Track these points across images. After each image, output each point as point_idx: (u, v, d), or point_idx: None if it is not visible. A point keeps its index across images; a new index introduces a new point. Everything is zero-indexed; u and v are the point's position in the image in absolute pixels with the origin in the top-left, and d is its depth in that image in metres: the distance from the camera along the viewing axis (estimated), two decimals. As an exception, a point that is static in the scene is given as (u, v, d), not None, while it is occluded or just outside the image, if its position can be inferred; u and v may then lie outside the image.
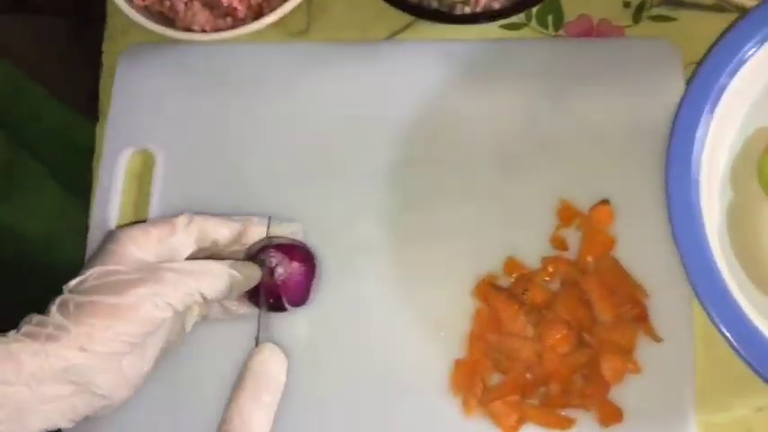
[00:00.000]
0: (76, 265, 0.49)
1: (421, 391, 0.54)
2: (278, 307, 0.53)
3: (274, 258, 0.52)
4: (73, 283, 0.46)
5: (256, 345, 0.50)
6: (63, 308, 0.45)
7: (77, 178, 0.61)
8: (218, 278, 0.49)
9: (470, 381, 0.53)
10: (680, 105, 0.51)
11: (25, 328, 0.44)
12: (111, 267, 0.47)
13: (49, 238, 0.76)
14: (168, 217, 0.52)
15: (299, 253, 0.54)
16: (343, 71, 0.62)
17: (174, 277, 0.47)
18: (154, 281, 0.46)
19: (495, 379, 0.53)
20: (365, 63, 0.62)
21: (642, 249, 0.54)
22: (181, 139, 0.61)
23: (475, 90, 0.60)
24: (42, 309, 0.46)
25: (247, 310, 0.54)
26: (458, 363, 0.54)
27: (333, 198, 0.59)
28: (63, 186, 0.77)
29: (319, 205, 0.58)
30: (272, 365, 0.48)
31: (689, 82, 0.52)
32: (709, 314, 0.47)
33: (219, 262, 0.50)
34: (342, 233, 0.58)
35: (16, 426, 0.43)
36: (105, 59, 0.65)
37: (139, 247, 0.48)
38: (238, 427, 0.45)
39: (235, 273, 0.49)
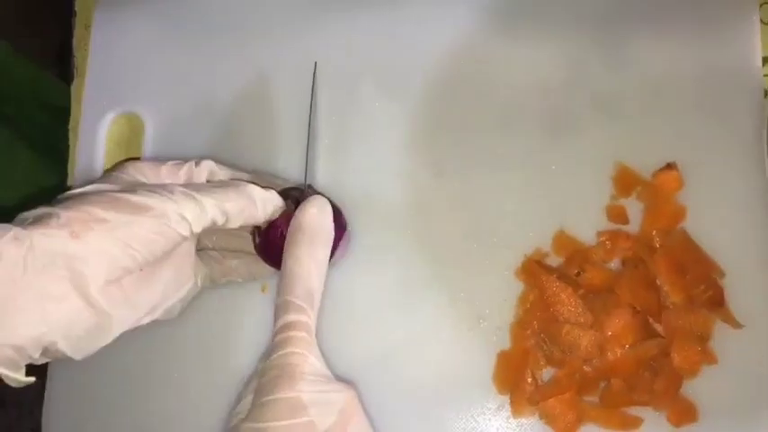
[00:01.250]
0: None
1: (461, 389, 0.47)
2: None
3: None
4: (76, 191, 0.40)
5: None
6: (55, 202, 0.39)
7: (50, 141, 0.54)
8: (241, 195, 0.44)
9: (518, 376, 0.46)
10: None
11: (20, 216, 0.38)
12: (112, 185, 0.41)
13: (23, 205, 0.70)
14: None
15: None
16: (359, 18, 0.53)
17: (189, 192, 0.42)
18: (166, 193, 0.41)
19: (548, 374, 0.46)
20: (387, 8, 0.53)
21: (716, 222, 0.47)
22: (170, 99, 0.54)
23: (514, 38, 0.51)
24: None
25: (270, 271, 0.48)
26: (502, 355, 0.47)
27: (349, 163, 0.51)
28: (35, 150, 0.71)
29: (333, 170, 0.51)
30: (322, 219, 0.45)
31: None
32: None
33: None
34: (359, 206, 0.50)
35: None
36: (79, 11, 0.57)
37: (144, 174, 0.44)
38: (300, 284, 0.43)
39: (261, 192, 0.45)
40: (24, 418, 1.02)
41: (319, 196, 0.46)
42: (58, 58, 0.58)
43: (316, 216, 0.45)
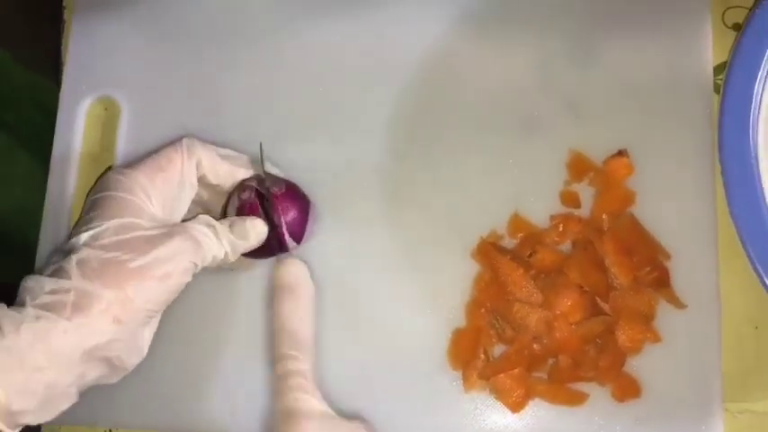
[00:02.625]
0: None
1: (416, 364, 0.49)
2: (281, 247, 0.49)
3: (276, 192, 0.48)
4: (86, 236, 0.41)
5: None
6: (84, 267, 0.39)
7: (49, 147, 0.55)
8: (241, 238, 0.46)
9: (471, 352, 0.48)
10: (737, 46, 0.44)
11: (43, 298, 0.38)
12: (128, 220, 0.42)
13: (22, 210, 0.71)
14: (167, 146, 0.47)
15: (292, 190, 0.49)
16: (336, 14, 0.55)
17: (197, 234, 0.43)
18: (180, 237, 0.42)
19: (499, 351, 0.48)
20: (364, 7, 0.55)
21: (664, 206, 0.49)
22: (146, 85, 0.55)
23: (484, 38, 0.53)
24: (16, 282, 0.40)
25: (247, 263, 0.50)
26: (457, 333, 0.49)
27: (321, 148, 0.52)
28: (33, 155, 0.72)
29: (306, 155, 0.52)
30: (299, 275, 0.49)
31: (746, 21, 0.45)
32: (763, 283, 0.41)
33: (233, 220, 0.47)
34: (331, 186, 0.52)
35: (46, 413, 0.38)
36: (67, 16, 0.59)
37: (147, 194, 0.44)
38: (289, 336, 0.47)
39: (252, 233, 0.47)
40: None
41: (290, 257, 0.49)
42: (54, 65, 0.60)
43: (294, 273, 0.49)
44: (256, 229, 0.47)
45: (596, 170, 0.50)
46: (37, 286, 0.39)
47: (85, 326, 0.38)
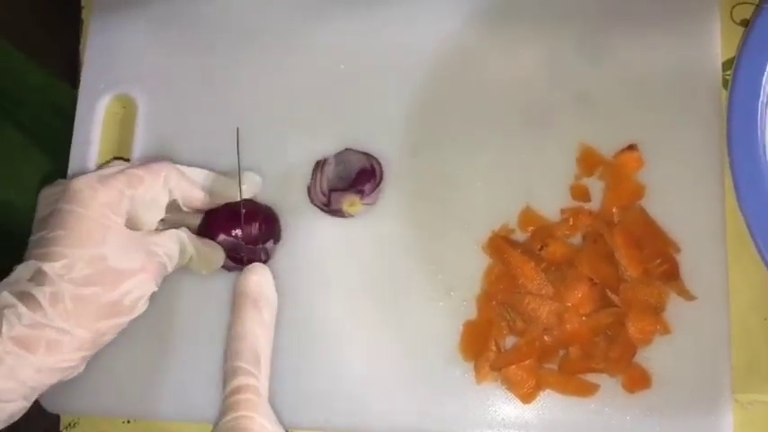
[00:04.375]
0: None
1: (428, 356, 0.49)
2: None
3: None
4: (58, 265, 0.42)
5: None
6: (57, 303, 0.41)
7: (63, 147, 0.56)
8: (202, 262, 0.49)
9: (482, 344, 0.49)
10: (744, 42, 0.44)
11: (18, 330, 0.40)
12: (97, 252, 0.43)
13: (34, 209, 0.73)
14: (143, 164, 0.48)
15: (262, 214, 0.51)
16: (351, 13, 0.56)
17: (164, 260, 0.46)
18: (145, 268, 0.45)
19: (510, 342, 0.49)
20: (377, 7, 0.56)
21: (673, 200, 0.49)
22: (163, 83, 0.56)
23: (495, 34, 0.54)
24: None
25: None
26: (468, 324, 0.49)
27: (333, 145, 0.53)
28: (48, 155, 0.73)
29: (319, 152, 0.53)
30: (264, 285, 0.48)
31: (753, 17, 0.46)
32: None
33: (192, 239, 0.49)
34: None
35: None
36: (85, 16, 0.60)
37: (115, 211, 0.45)
38: (247, 348, 0.45)
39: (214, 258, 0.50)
40: None
41: (259, 264, 0.48)
42: (69, 65, 0.61)
43: (257, 283, 0.47)
44: (218, 255, 0.50)
45: (606, 164, 0.50)
46: (13, 315, 0.40)
47: (57, 362, 0.41)
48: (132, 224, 0.46)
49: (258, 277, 0.48)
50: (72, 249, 0.42)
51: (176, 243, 0.47)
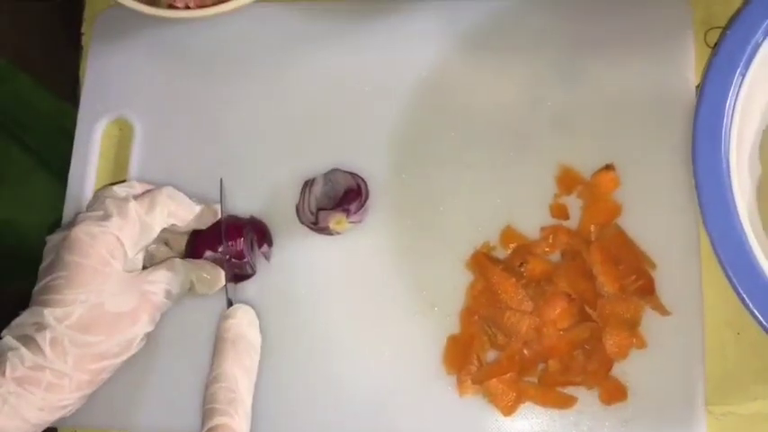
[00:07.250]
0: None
1: (412, 370, 0.51)
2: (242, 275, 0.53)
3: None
4: (59, 311, 0.44)
5: (228, 307, 0.51)
6: (57, 347, 0.44)
7: (67, 166, 0.58)
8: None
9: (464, 358, 0.50)
10: (709, 65, 0.46)
11: (20, 371, 0.43)
12: (95, 301, 0.45)
13: (43, 230, 0.74)
14: (137, 198, 0.50)
15: (248, 225, 0.53)
16: (338, 39, 0.58)
17: (160, 298, 0.48)
18: (142, 309, 0.47)
19: (492, 356, 0.50)
20: (363, 30, 0.58)
21: (649, 218, 0.51)
22: (159, 107, 0.58)
23: (477, 58, 0.56)
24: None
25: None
26: (451, 339, 0.51)
27: (322, 166, 0.55)
28: (54, 176, 0.75)
29: (309, 172, 0.55)
30: (245, 328, 0.49)
31: (718, 42, 0.48)
32: (736, 290, 0.43)
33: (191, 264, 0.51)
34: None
35: None
36: (85, 42, 0.62)
37: (114, 255, 0.47)
38: (224, 390, 0.46)
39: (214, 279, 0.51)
40: None
41: (243, 305, 0.50)
42: (73, 89, 0.63)
43: (237, 325, 0.49)
44: (218, 275, 0.51)
45: (584, 184, 0.52)
46: (16, 358, 0.43)
47: (58, 401, 0.44)
48: (130, 252, 0.48)
49: (237, 320, 0.49)
50: (71, 297, 0.45)
51: (175, 276, 0.49)
